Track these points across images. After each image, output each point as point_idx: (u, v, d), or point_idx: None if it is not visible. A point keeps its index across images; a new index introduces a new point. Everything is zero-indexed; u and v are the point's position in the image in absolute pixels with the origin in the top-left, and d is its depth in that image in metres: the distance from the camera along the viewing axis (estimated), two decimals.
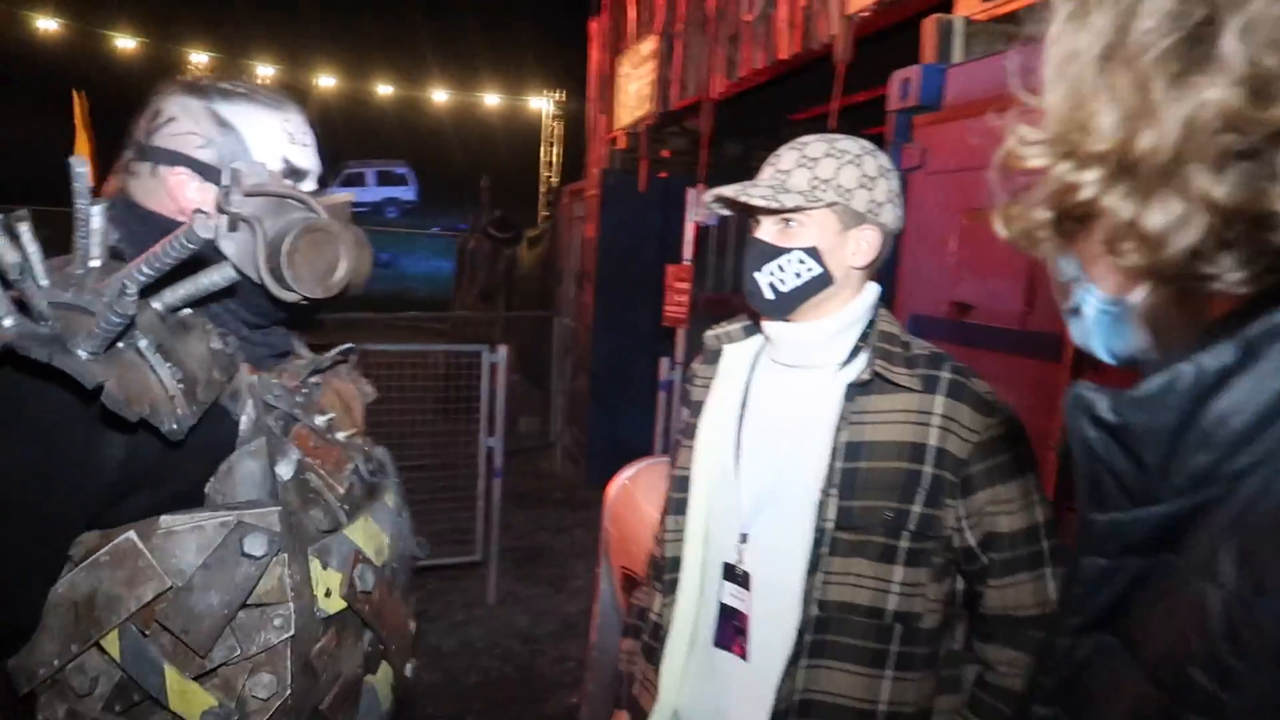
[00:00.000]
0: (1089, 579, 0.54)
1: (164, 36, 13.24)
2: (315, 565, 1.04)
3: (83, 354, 0.86)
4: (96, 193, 1.02)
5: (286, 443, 1.08)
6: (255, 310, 1.10)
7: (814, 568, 1.20)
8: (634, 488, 2.51)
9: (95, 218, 0.96)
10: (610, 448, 6.11)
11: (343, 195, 1.17)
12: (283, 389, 1.11)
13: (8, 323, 0.85)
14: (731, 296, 5.45)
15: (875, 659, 1.20)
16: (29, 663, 0.93)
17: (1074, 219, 0.52)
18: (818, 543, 1.20)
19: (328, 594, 1.05)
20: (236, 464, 1.02)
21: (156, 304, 0.97)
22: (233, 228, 1.04)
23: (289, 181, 1.10)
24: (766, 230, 1.25)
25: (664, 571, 1.41)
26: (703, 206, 4.37)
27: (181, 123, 1.06)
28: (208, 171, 1.06)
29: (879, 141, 3.55)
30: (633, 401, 6.21)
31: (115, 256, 0.98)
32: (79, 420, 0.88)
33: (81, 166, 0.91)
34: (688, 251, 4.59)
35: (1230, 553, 0.42)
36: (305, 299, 1.05)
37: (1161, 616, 0.47)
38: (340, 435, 1.17)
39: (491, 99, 14.30)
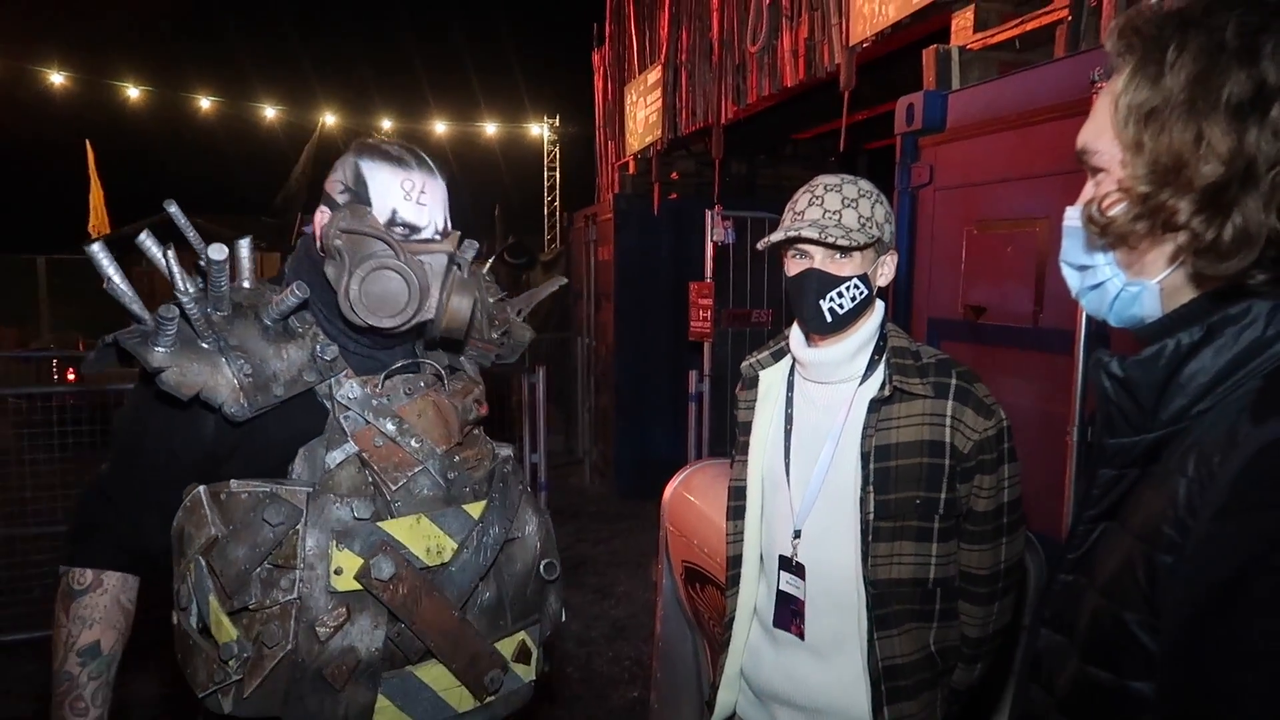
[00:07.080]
0: (1102, 484, 0.79)
1: (169, 84, 13.53)
2: (333, 545, 1.18)
3: (160, 349, 1.11)
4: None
5: (345, 438, 1.23)
6: (353, 329, 1.28)
7: (863, 556, 1.41)
8: (686, 490, 2.73)
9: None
10: (636, 462, 6.30)
11: (441, 246, 1.28)
12: (362, 394, 1.26)
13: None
14: (751, 310, 5.64)
15: (924, 616, 1.43)
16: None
17: (1161, 231, 0.70)
18: (864, 534, 1.41)
19: (338, 572, 1.17)
20: (311, 451, 1.22)
21: (265, 318, 1.22)
22: (332, 256, 1.25)
23: (398, 230, 1.26)
24: (821, 262, 1.43)
25: (728, 568, 1.62)
26: (721, 227, 4.71)
27: (337, 174, 1.30)
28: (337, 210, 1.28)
29: (886, 157, 3.78)
30: (656, 416, 6.35)
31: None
32: (184, 401, 1.13)
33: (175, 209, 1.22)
34: (708, 270, 4.75)
35: (1192, 457, 0.67)
36: (373, 327, 1.22)
37: (1146, 501, 0.72)
38: (414, 441, 1.27)
39: (490, 128, 14.56)
